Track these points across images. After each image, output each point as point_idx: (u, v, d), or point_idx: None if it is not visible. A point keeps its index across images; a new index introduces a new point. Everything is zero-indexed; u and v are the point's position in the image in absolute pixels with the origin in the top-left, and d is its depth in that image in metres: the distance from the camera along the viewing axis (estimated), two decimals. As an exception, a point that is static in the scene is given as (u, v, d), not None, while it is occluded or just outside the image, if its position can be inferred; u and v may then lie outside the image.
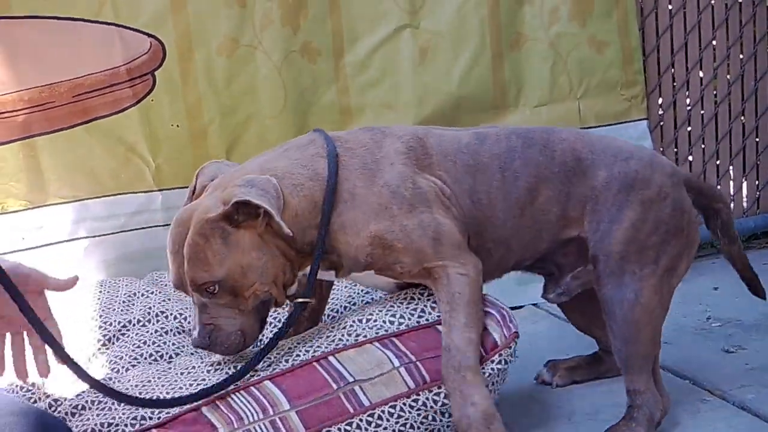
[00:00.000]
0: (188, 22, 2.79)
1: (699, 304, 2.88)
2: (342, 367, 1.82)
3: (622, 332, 1.96)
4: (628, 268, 1.96)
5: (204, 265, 1.73)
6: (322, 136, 1.92)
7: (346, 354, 1.84)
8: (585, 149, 2.03)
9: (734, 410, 2.10)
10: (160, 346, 2.10)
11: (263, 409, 1.75)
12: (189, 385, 1.81)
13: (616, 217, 1.98)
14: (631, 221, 1.97)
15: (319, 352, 1.85)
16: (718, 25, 3.51)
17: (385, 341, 1.87)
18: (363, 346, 1.86)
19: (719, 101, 3.58)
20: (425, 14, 3.03)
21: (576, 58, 3.17)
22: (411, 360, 1.85)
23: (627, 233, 1.97)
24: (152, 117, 2.79)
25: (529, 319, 2.93)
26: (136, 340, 2.12)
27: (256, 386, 1.79)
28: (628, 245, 1.96)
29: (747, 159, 3.67)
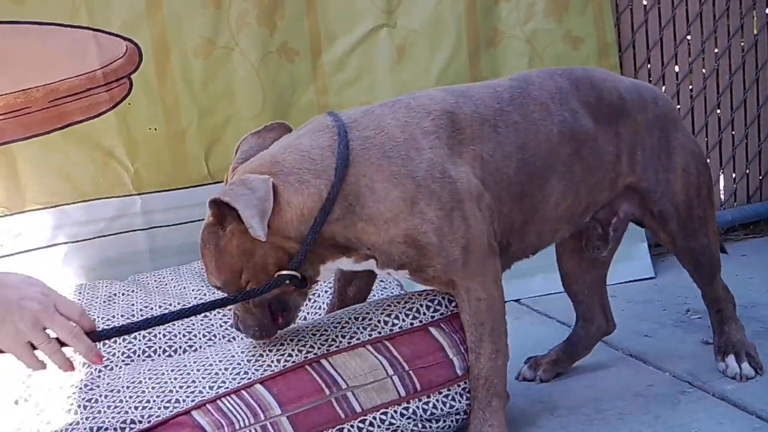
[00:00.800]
0: (163, 25, 2.78)
1: (678, 296, 2.90)
2: (335, 372, 1.81)
3: (710, 270, 2.22)
4: (695, 213, 2.12)
5: (209, 271, 1.76)
6: (335, 124, 1.77)
7: (339, 358, 1.83)
8: (621, 86, 2.08)
9: (714, 401, 2.12)
10: (151, 339, 2.10)
11: (254, 414, 1.74)
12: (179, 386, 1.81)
13: (668, 165, 2.09)
14: (682, 167, 2.10)
15: (311, 354, 1.83)
16: (692, 20, 3.54)
17: (379, 345, 1.86)
18: (356, 349, 1.85)
19: (695, 95, 3.61)
20: (401, 13, 3.03)
21: (552, 53, 3.18)
22: (404, 369, 1.85)
23: (683, 181, 2.10)
24: (129, 121, 2.78)
25: (512, 315, 2.90)
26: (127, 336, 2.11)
27: (247, 390, 1.78)
28: (688, 192, 2.10)
29: (723, 152, 3.71)
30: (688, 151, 2.14)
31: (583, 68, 2.12)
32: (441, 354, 1.89)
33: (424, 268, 1.80)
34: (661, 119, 2.11)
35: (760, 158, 3.76)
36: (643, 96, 2.10)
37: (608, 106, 2.02)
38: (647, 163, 2.08)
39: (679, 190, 2.11)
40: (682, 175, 2.11)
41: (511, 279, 2.00)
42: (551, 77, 1.99)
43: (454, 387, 1.89)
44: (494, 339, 1.85)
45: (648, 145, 2.08)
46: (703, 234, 2.16)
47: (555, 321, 2.81)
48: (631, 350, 2.50)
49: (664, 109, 2.13)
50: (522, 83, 1.95)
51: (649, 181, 2.09)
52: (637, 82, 2.19)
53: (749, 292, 2.87)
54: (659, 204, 2.10)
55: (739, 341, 2.24)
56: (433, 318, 1.92)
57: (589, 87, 2.02)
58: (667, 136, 2.11)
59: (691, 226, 2.13)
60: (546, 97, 1.94)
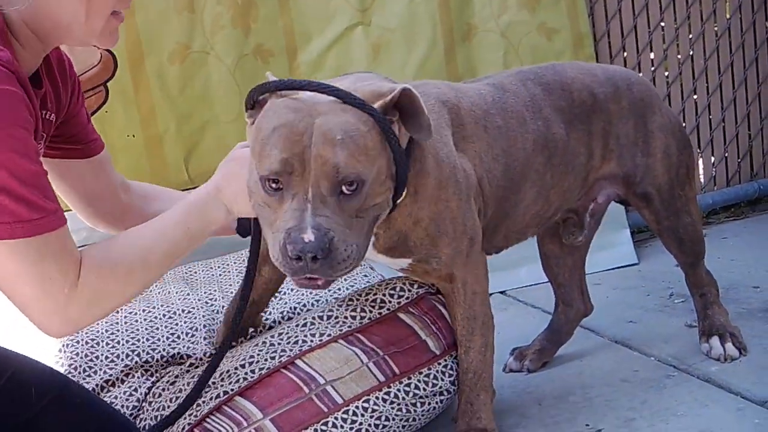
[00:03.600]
0: (138, 32, 2.77)
1: (662, 281, 2.93)
2: (311, 369, 1.82)
3: (694, 250, 2.25)
4: (676, 193, 2.15)
5: (360, 156, 1.49)
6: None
7: (312, 355, 1.84)
8: (594, 83, 2.09)
9: (699, 383, 2.14)
10: (135, 343, 2.10)
11: (237, 424, 1.75)
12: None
13: (648, 150, 2.12)
14: (662, 150, 2.13)
15: (284, 357, 1.84)
16: (665, 6, 3.56)
17: (350, 338, 1.88)
18: (329, 344, 1.86)
19: (671, 81, 3.63)
20: (376, 11, 3.04)
21: (527, 45, 3.19)
22: (379, 354, 1.86)
23: (664, 162, 2.13)
24: (107, 129, 2.76)
25: (498, 306, 2.95)
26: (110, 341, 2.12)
27: (227, 404, 1.79)
28: (669, 173, 2.13)
29: (701, 136, 3.73)
30: (668, 132, 2.16)
31: (554, 68, 2.11)
32: (414, 337, 1.91)
33: (429, 259, 1.78)
34: (636, 105, 2.13)
35: (738, 141, 3.80)
36: (616, 85, 2.12)
37: (579, 106, 2.05)
38: (623, 151, 2.11)
39: (660, 173, 2.14)
40: (662, 158, 2.14)
41: (496, 270, 2.02)
42: (524, 84, 2.01)
43: (434, 365, 1.90)
44: (484, 332, 1.87)
45: (623, 133, 2.11)
46: (686, 213, 2.19)
47: (540, 311, 2.83)
48: (616, 337, 2.52)
49: (639, 94, 2.15)
50: (499, 90, 1.96)
51: (627, 167, 2.12)
52: (611, 71, 2.20)
53: (730, 274, 2.89)
54: (641, 187, 2.14)
55: (723, 324, 2.27)
56: (400, 304, 1.93)
57: (559, 91, 2.03)
58: (644, 120, 2.14)
59: (674, 205, 2.17)
60: (520, 105, 1.96)
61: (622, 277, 3.10)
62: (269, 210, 1.52)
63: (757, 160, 3.86)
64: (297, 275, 1.49)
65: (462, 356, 1.88)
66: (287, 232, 1.45)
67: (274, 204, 1.50)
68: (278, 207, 1.49)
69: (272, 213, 1.51)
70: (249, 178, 1.58)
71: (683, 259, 2.27)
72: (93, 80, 2.74)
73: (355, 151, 1.48)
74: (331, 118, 1.49)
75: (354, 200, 1.50)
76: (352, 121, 1.50)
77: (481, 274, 1.86)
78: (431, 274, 1.84)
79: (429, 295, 1.98)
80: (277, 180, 1.48)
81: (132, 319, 2.22)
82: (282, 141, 1.48)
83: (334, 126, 1.48)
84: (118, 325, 2.20)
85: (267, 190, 1.50)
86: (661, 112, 2.18)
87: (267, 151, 1.49)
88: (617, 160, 2.11)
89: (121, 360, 2.07)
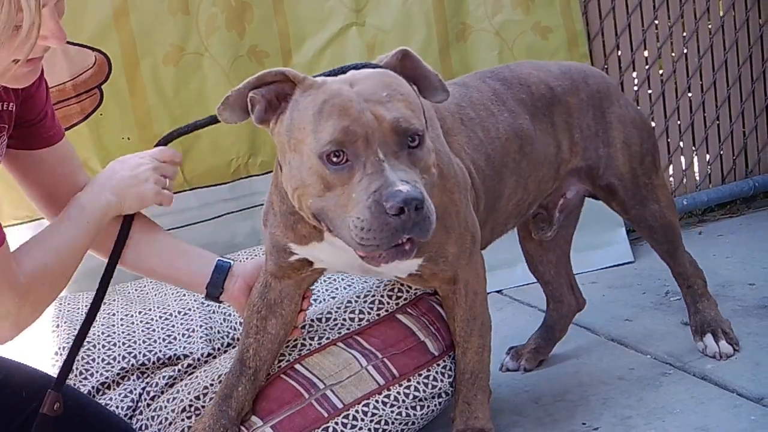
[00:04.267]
0: (132, 34, 2.77)
1: (657, 279, 2.93)
2: (310, 373, 1.82)
3: (666, 236, 2.24)
4: (641, 182, 2.16)
5: (410, 107, 1.48)
6: None
7: (312, 359, 1.84)
8: (550, 77, 2.10)
9: (695, 380, 2.15)
10: (131, 345, 2.10)
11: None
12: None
13: (607, 140, 2.13)
14: (621, 140, 2.14)
15: (284, 361, 1.84)
16: (659, 4, 3.57)
17: (349, 340, 1.88)
18: (328, 348, 1.87)
19: (665, 79, 3.64)
20: (370, 11, 3.04)
21: (522, 44, 3.19)
22: (378, 357, 1.86)
23: (624, 152, 2.14)
24: (102, 131, 2.76)
25: (494, 306, 2.91)
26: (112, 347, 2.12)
27: None
28: (631, 162, 2.14)
29: (696, 134, 3.74)
30: (627, 122, 2.17)
31: (509, 67, 2.13)
32: (412, 338, 1.91)
33: (437, 258, 1.72)
34: (594, 97, 2.14)
35: (733, 138, 3.81)
36: (573, 79, 2.13)
37: (540, 99, 2.05)
38: (587, 143, 2.13)
39: (621, 163, 2.15)
40: (622, 148, 2.15)
41: (492, 270, 2.02)
42: (483, 81, 2.02)
43: (433, 367, 1.90)
44: (482, 333, 1.87)
45: (584, 125, 2.12)
46: (653, 200, 2.20)
47: (536, 310, 2.83)
48: (613, 335, 2.53)
49: (596, 86, 2.16)
50: (462, 87, 1.98)
51: (591, 159, 2.13)
52: (566, 66, 2.22)
53: (726, 271, 2.91)
54: (604, 178, 2.15)
55: (714, 318, 2.27)
56: (398, 305, 1.94)
57: (518, 85, 2.05)
58: (602, 112, 2.15)
59: (638, 194, 2.18)
60: (485, 99, 1.97)
61: (618, 275, 3.11)
62: (334, 193, 1.44)
63: (751, 157, 3.86)
64: (394, 239, 1.39)
65: (459, 356, 1.87)
66: (376, 192, 1.38)
67: (340, 181, 1.43)
68: (347, 182, 1.42)
69: (339, 193, 1.43)
70: (293, 176, 1.49)
71: (658, 248, 2.28)
72: (87, 83, 2.73)
73: (405, 103, 1.47)
74: (368, 82, 1.48)
75: (419, 153, 1.47)
76: (386, 80, 1.49)
77: (481, 275, 1.85)
78: (437, 276, 1.78)
79: (427, 296, 1.98)
80: (340, 153, 1.42)
81: (128, 321, 2.23)
82: (335, 111, 1.43)
83: (375, 87, 1.47)
84: (114, 327, 2.20)
85: (331, 168, 1.42)
86: (619, 103, 2.19)
87: (321, 126, 1.43)
88: (583, 152, 2.13)
89: (118, 362, 2.08)
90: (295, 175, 1.48)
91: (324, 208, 1.46)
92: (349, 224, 1.40)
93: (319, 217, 1.49)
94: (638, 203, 2.19)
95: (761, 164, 3.88)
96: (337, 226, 1.44)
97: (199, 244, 2.92)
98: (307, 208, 1.49)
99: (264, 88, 1.53)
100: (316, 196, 1.46)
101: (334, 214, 1.44)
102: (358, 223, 1.39)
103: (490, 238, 2.04)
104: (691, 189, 3.75)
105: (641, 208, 2.19)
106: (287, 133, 1.49)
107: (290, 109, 1.50)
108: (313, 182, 1.45)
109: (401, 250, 1.43)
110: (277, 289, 1.81)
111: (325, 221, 1.49)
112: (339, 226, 1.44)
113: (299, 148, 1.47)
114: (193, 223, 2.91)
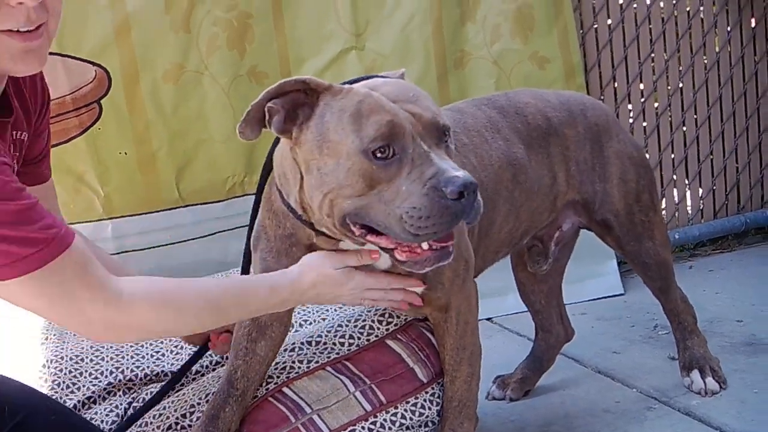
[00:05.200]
0: (133, 50, 2.79)
1: (647, 313, 2.94)
2: (298, 397, 1.82)
3: (659, 273, 2.24)
4: (636, 219, 2.16)
5: (436, 105, 1.55)
6: None
7: (300, 383, 1.84)
8: (547, 107, 2.09)
9: (680, 416, 2.16)
10: (119, 360, 2.10)
11: None
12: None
13: (604, 176, 2.13)
14: (618, 176, 2.14)
15: (272, 384, 1.84)
16: (656, 39, 3.61)
17: (338, 365, 1.88)
18: (316, 372, 1.86)
19: (660, 113, 3.67)
20: (370, 35, 3.06)
21: (519, 74, 3.22)
22: (366, 383, 1.86)
23: (620, 189, 2.13)
24: (100, 146, 2.78)
25: (484, 333, 2.90)
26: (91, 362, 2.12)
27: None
28: (627, 199, 2.14)
29: (689, 168, 3.77)
30: (625, 158, 2.17)
31: (507, 95, 2.13)
32: (401, 365, 1.91)
33: (436, 284, 1.72)
34: (591, 130, 2.14)
35: (726, 174, 3.83)
36: (571, 111, 2.13)
37: (536, 129, 2.05)
38: (583, 177, 2.12)
39: (617, 199, 2.15)
40: (619, 184, 2.15)
41: (484, 297, 2.02)
42: (479, 108, 2.03)
43: (421, 394, 1.90)
44: (472, 362, 1.86)
45: (581, 159, 2.12)
46: (648, 238, 2.20)
47: (526, 339, 2.83)
48: (600, 367, 2.54)
49: (594, 119, 2.15)
50: (456, 113, 1.98)
51: (587, 193, 2.13)
52: (566, 96, 2.21)
53: (715, 307, 2.92)
54: (600, 213, 2.15)
55: (703, 356, 2.28)
56: (388, 330, 1.94)
57: (514, 114, 2.05)
58: (600, 146, 2.14)
59: (634, 231, 2.18)
60: (480, 126, 1.98)
61: (608, 307, 3.12)
62: (377, 189, 1.44)
63: (744, 193, 3.89)
64: (453, 224, 1.42)
65: (448, 384, 1.87)
66: (432, 179, 1.40)
67: (387, 176, 1.44)
68: (395, 176, 1.43)
69: (384, 189, 1.44)
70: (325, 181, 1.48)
71: (651, 284, 2.29)
72: (87, 97, 2.75)
73: (431, 102, 1.52)
74: (388, 87, 1.52)
75: (451, 148, 1.52)
76: (405, 84, 1.54)
77: (473, 303, 1.84)
78: (431, 303, 1.77)
79: (417, 322, 1.98)
80: (386, 148, 1.43)
81: (118, 337, 2.23)
82: (374, 110, 1.46)
83: (399, 90, 1.51)
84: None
85: (378, 164, 1.43)
86: (618, 138, 2.18)
87: (364, 124, 1.45)
88: (579, 186, 2.13)
89: (105, 377, 2.07)
90: (328, 180, 1.48)
91: (365, 206, 1.46)
92: (402, 215, 1.42)
93: (356, 218, 1.49)
94: (633, 240, 2.19)
95: (753, 200, 3.90)
96: (382, 222, 1.45)
97: (191, 261, 2.98)
98: (340, 211, 1.49)
99: (282, 98, 1.52)
100: (356, 196, 1.46)
101: (378, 210, 1.45)
102: (414, 212, 1.41)
103: (482, 265, 2.04)
104: (683, 223, 3.77)
105: (636, 245, 2.19)
106: (319, 137, 1.49)
107: (319, 114, 1.50)
108: (353, 182, 1.45)
109: (445, 252, 1.48)
110: None
111: (362, 221, 1.48)
112: (385, 222, 1.45)
113: (335, 151, 1.47)
114: (186, 239, 2.92)
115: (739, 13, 3.74)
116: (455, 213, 1.40)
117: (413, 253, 1.49)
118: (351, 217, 1.49)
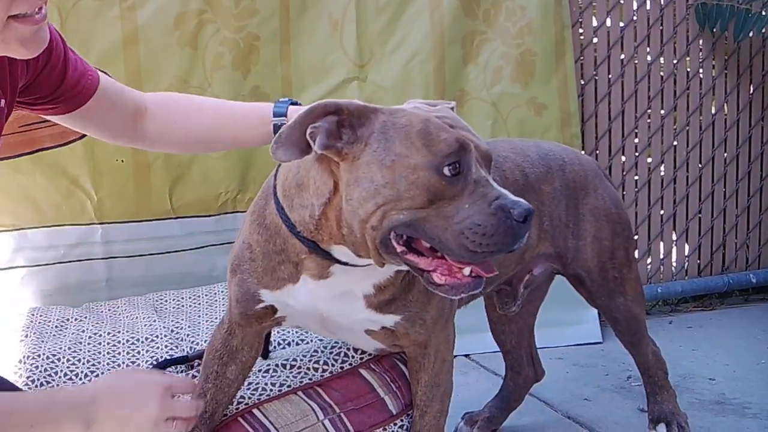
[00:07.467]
0: (139, 61, 2.84)
1: (621, 363, 2.97)
2: (267, 420, 1.82)
3: (629, 328, 2.25)
4: (609, 276, 2.15)
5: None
6: None
7: (271, 406, 1.84)
8: (525, 162, 2.08)
9: (644, 468, 2.18)
10: (96, 365, 2.11)
11: None
12: None
13: (578, 233, 2.12)
14: (592, 234, 2.13)
15: (242, 404, 1.84)
16: (653, 96, 3.67)
17: (310, 390, 1.88)
18: (288, 396, 1.86)
19: (652, 168, 3.72)
20: (372, 67, 3.12)
21: (516, 118, 3.27)
22: (335, 411, 1.87)
23: (594, 246, 2.13)
24: (97, 151, 2.81)
25: (459, 369, 2.92)
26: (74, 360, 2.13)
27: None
28: (600, 257, 2.13)
29: (677, 225, 3.81)
30: (601, 215, 2.15)
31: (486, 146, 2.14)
32: (372, 395, 1.92)
33: (415, 320, 1.71)
34: (569, 187, 2.13)
35: (713, 233, 3.88)
36: (549, 166, 2.12)
37: (513, 185, 2.02)
38: (556, 232, 2.11)
39: (589, 256, 2.14)
40: (592, 242, 2.14)
41: (462, 333, 2.03)
42: None
43: (390, 426, 1.90)
44: (443, 399, 1.87)
45: (555, 215, 2.11)
46: (620, 293, 2.19)
47: (500, 378, 2.84)
48: (570, 413, 2.56)
49: (573, 175, 2.14)
50: None
51: (560, 247, 2.13)
52: (546, 150, 2.18)
53: (690, 363, 2.94)
54: (572, 268, 2.15)
55: (671, 411, 2.30)
56: (362, 359, 1.95)
57: (492, 168, 2.05)
58: (576, 203, 2.13)
59: (606, 287, 2.18)
60: None
61: (585, 354, 3.15)
62: (438, 205, 1.44)
63: (729, 254, 3.93)
64: (513, 243, 1.44)
65: (417, 418, 1.87)
66: (498, 200, 1.44)
67: (451, 192, 1.44)
68: (459, 193, 1.44)
69: (445, 205, 1.44)
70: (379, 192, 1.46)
71: (621, 338, 2.29)
72: (89, 102, 2.79)
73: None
74: (444, 113, 1.53)
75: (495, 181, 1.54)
76: (453, 113, 1.56)
77: (451, 342, 1.85)
78: (408, 337, 1.76)
79: (391, 354, 2.00)
80: (456, 165, 1.44)
81: (96, 340, 2.25)
82: (443, 128, 1.47)
83: (453, 117, 1.53)
84: (81, 344, 2.21)
85: (447, 179, 1.44)
86: (595, 193, 2.16)
87: (434, 139, 1.45)
88: (551, 240, 2.12)
89: (80, 379, 2.09)
90: (385, 192, 1.46)
91: (422, 219, 1.45)
92: (463, 231, 1.42)
93: (407, 230, 1.47)
94: (605, 295, 2.19)
95: (738, 262, 3.94)
96: (437, 237, 1.45)
97: (178, 272, 3.00)
98: (390, 223, 1.47)
99: (323, 120, 1.49)
100: (414, 209, 1.45)
101: (436, 224, 1.45)
102: (479, 229, 1.42)
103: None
104: (667, 278, 3.81)
105: (607, 300, 2.20)
106: (382, 152, 1.47)
107: (380, 130, 1.48)
108: (415, 195, 1.44)
109: (480, 282, 1.48)
110: (239, 336, 1.82)
111: (413, 235, 1.48)
112: (441, 236, 1.45)
113: (399, 164, 1.45)
114: (174, 251, 2.94)
115: (737, 78, 3.81)
116: (517, 234, 1.43)
117: (453, 278, 1.48)
118: (401, 229, 1.47)
